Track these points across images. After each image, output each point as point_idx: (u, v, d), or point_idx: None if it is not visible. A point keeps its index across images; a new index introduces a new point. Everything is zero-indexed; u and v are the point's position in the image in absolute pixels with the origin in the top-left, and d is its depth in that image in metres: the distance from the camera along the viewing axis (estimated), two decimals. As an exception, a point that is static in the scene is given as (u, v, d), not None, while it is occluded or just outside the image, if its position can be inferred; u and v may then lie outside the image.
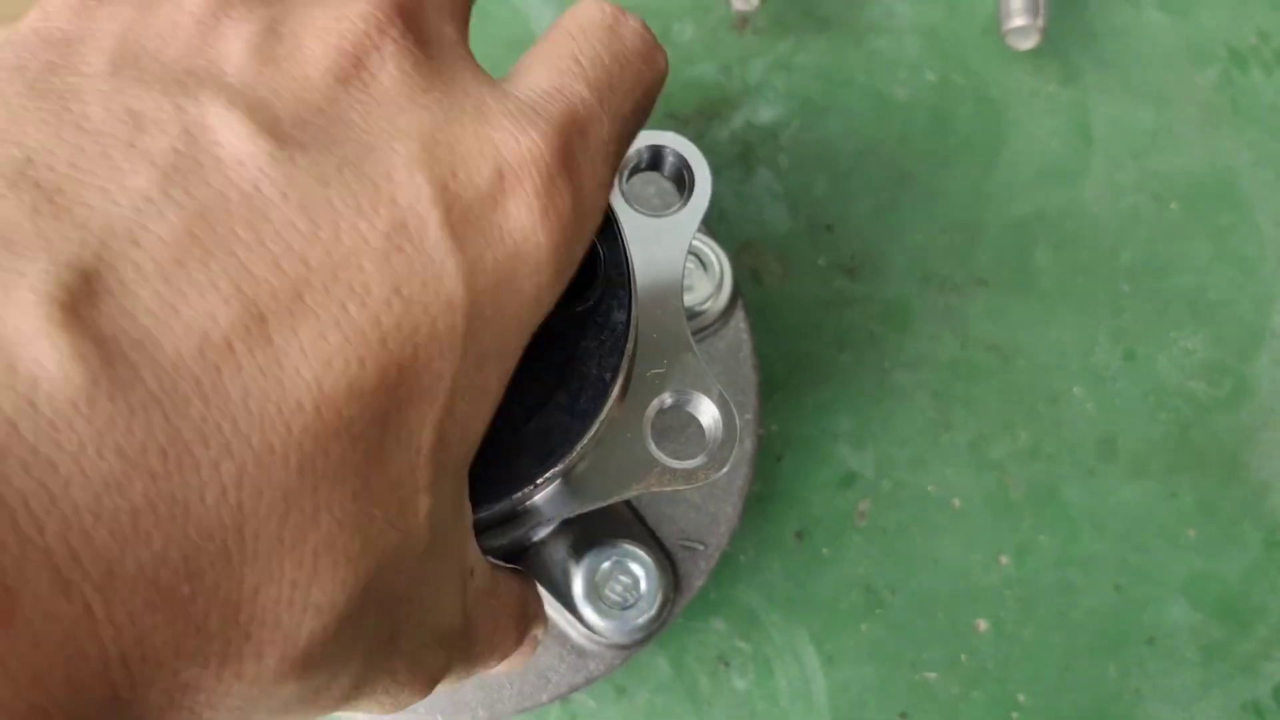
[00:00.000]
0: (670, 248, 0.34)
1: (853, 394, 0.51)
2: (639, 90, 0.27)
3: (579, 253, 0.25)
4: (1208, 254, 0.53)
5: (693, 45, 0.54)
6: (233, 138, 0.21)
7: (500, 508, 0.28)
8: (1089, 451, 0.51)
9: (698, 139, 0.52)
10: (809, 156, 0.53)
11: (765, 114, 0.53)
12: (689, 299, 0.45)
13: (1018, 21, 0.48)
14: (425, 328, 0.21)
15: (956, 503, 0.50)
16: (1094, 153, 0.53)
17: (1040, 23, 0.48)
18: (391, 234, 0.21)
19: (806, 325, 0.51)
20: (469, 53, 0.26)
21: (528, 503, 0.30)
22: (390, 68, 0.23)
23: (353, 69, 0.23)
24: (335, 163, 0.21)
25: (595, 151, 0.25)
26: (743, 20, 0.50)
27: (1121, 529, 0.50)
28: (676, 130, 0.45)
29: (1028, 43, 0.49)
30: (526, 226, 0.23)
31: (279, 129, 0.21)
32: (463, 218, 0.22)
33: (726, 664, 0.48)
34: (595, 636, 0.42)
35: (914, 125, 0.53)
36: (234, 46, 0.22)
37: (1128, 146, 0.53)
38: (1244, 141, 0.54)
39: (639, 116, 0.28)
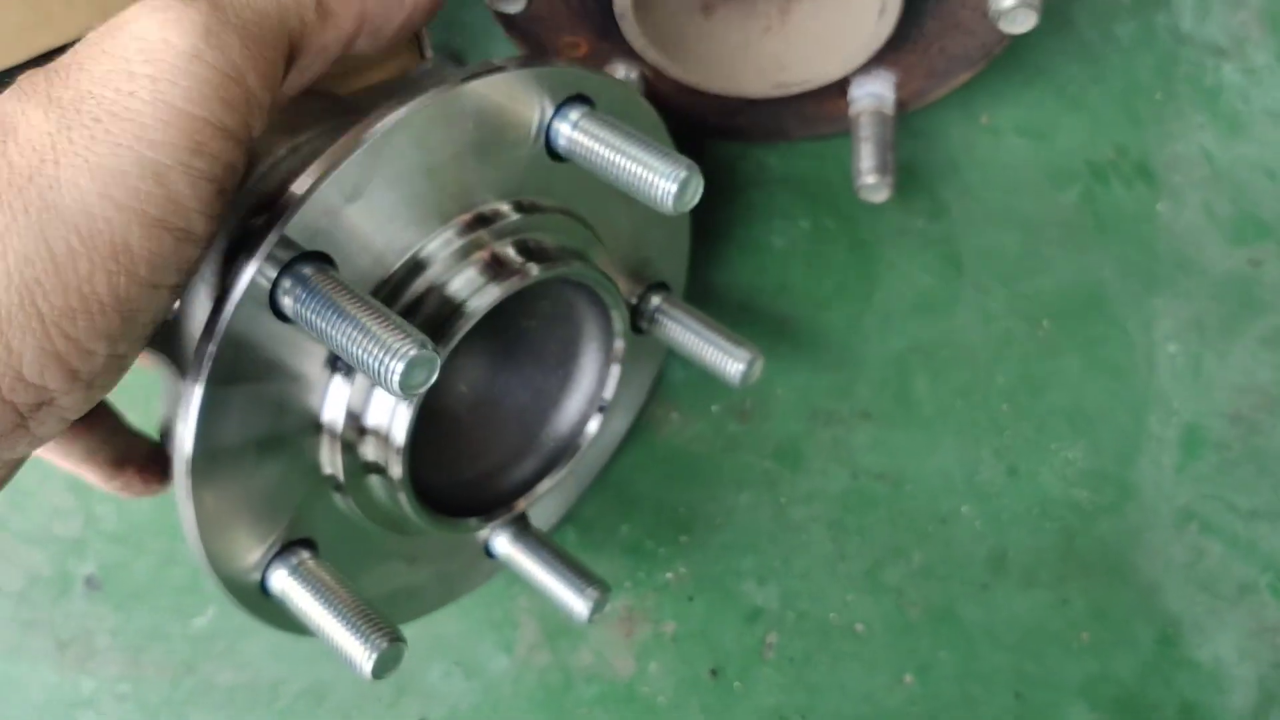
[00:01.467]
0: None
1: (753, 533, 0.55)
2: None
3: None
4: (1081, 367, 0.57)
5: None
6: None
7: None
8: (980, 567, 0.55)
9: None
10: (695, 305, 0.57)
11: (653, 274, 0.58)
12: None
13: (868, 180, 0.53)
14: None
15: (859, 628, 0.54)
16: (964, 282, 0.58)
17: (889, 178, 0.53)
18: None
19: (706, 469, 0.56)
20: None
21: None
22: None
23: None
24: None
25: None
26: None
27: (1017, 639, 0.54)
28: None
29: (880, 197, 0.54)
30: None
31: None
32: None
33: (647, 805, 0.52)
34: None
35: (790, 271, 0.58)
36: None
37: (996, 272, 0.58)
38: (1109, 255, 0.58)
39: None
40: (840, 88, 0.55)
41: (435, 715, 0.53)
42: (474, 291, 0.39)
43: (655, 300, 0.50)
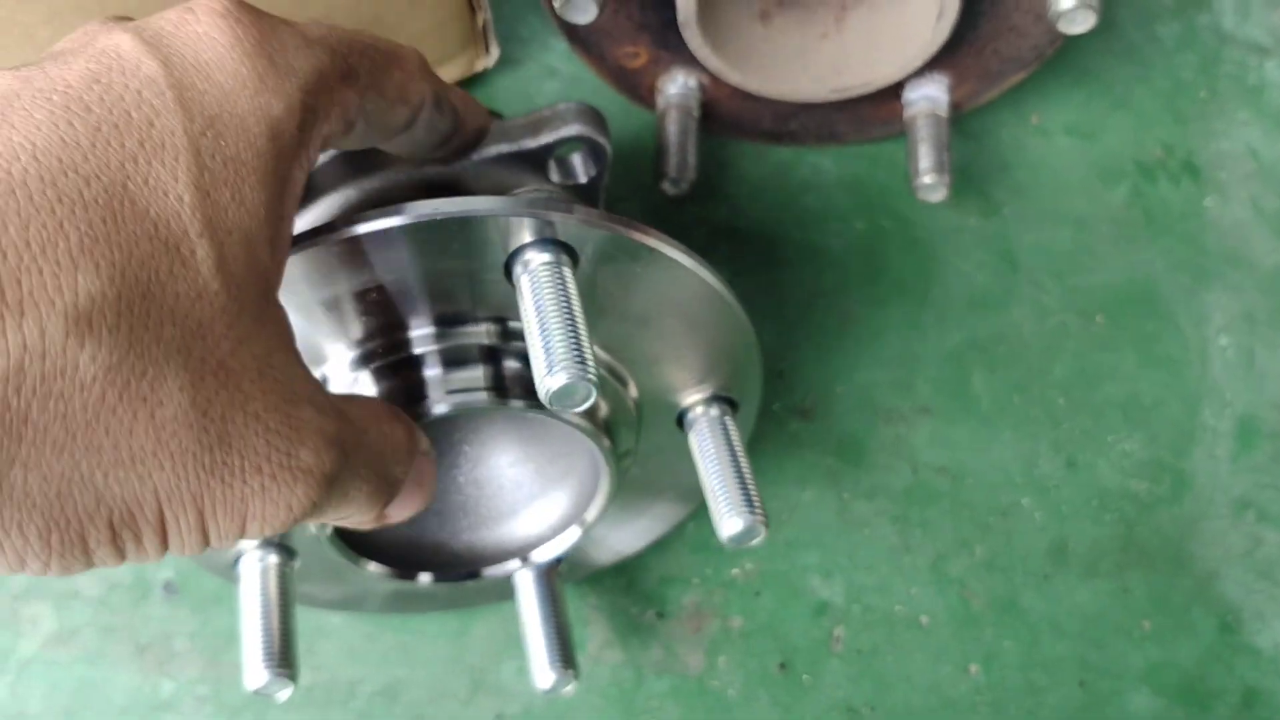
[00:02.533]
0: None
1: (817, 528, 0.57)
2: (379, 41, 0.35)
3: (294, 62, 0.30)
4: (1135, 361, 0.58)
5: (640, 217, 0.61)
6: None
7: None
8: (1042, 559, 0.56)
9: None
10: (756, 310, 0.59)
11: (712, 277, 0.60)
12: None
13: (925, 180, 0.55)
14: (130, 95, 0.27)
15: (924, 620, 0.56)
16: (1019, 278, 0.59)
17: (946, 177, 0.55)
18: (93, 56, 0.27)
19: (769, 467, 0.57)
20: None
21: None
22: None
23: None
24: (52, 56, 0.28)
25: (304, 26, 0.32)
26: (679, 197, 0.57)
27: (1079, 628, 0.55)
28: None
29: (937, 196, 0.55)
30: (212, 31, 0.29)
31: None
32: (155, 36, 0.28)
33: (722, 795, 0.53)
34: None
35: (849, 271, 0.60)
36: None
37: (1050, 268, 0.60)
38: (1159, 250, 0.60)
39: (379, 50, 0.35)
40: (894, 91, 0.57)
41: (510, 712, 0.55)
42: (450, 391, 0.41)
43: (697, 412, 0.47)
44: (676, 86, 0.57)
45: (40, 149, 0.25)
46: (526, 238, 0.37)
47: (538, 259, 0.37)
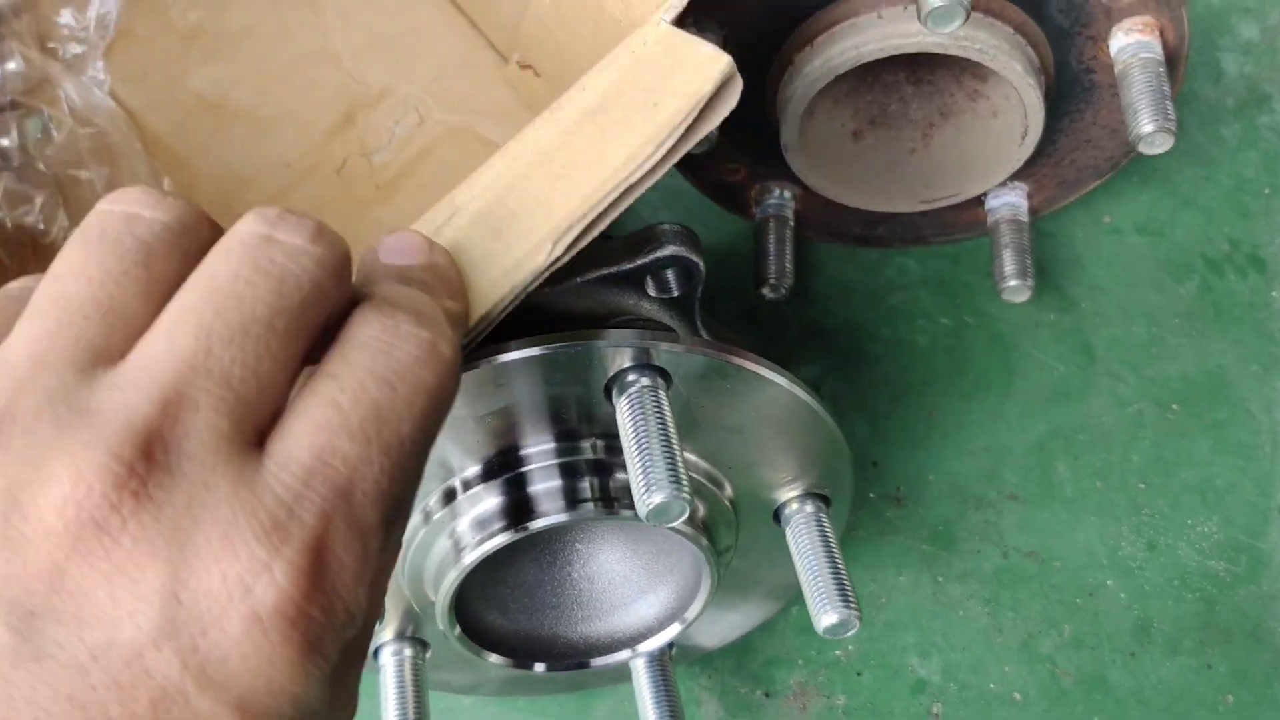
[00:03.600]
0: None
1: (914, 610, 0.61)
2: (419, 401, 0.28)
3: (354, 610, 0.27)
4: (1210, 447, 0.62)
5: (738, 318, 0.66)
6: None
7: None
8: (1127, 636, 0.60)
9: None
10: (849, 404, 0.64)
11: (806, 372, 0.64)
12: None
13: (1011, 283, 0.59)
14: None
15: (1017, 696, 0.59)
16: (1097, 370, 0.64)
17: (1029, 281, 0.59)
18: (156, 706, 0.24)
19: (866, 552, 0.62)
20: (235, 448, 0.26)
21: None
22: (131, 528, 0.25)
23: (81, 535, 0.24)
24: (86, 651, 0.24)
25: (362, 510, 0.27)
26: (776, 299, 0.62)
27: (1165, 703, 0.59)
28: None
29: (1021, 297, 0.60)
30: (284, 656, 0.25)
31: (10, 611, 0.24)
32: (219, 669, 0.25)
33: None
34: None
35: (935, 367, 0.64)
36: None
37: (1126, 360, 0.64)
38: (1229, 341, 0.64)
39: (426, 425, 0.29)
40: (977, 198, 0.62)
41: (630, 787, 0.59)
42: (565, 501, 0.45)
43: (792, 509, 0.50)
44: (773, 198, 0.62)
45: None
46: (625, 363, 0.43)
47: (635, 383, 0.42)
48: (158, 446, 0.25)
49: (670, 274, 0.53)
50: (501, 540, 0.45)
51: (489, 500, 0.46)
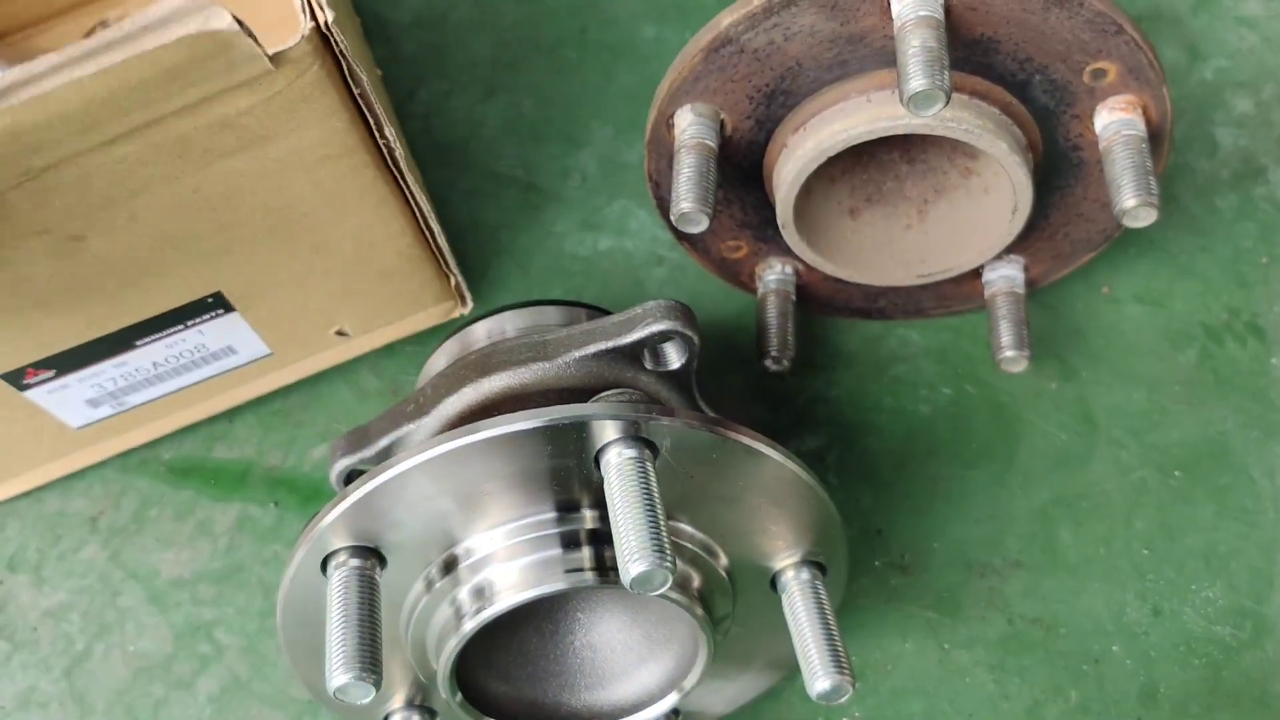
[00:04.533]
0: None
1: (920, 677, 0.62)
2: None
3: None
4: (1213, 512, 0.63)
5: (743, 390, 0.68)
6: None
7: None
8: (1134, 703, 0.61)
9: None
10: (853, 473, 0.65)
11: (811, 442, 0.66)
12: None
13: (1007, 354, 0.61)
14: None
15: (1024, 763, 0.60)
16: (1098, 437, 0.65)
17: (1026, 351, 0.61)
18: None
19: (871, 620, 0.63)
20: None
21: None
22: None
23: None
24: None
25: None
26: (779, 371, 0.63)
27: (1173, 770, 0.59)
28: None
29: (1019, 368, 0.61)
30: None
31: None
32: None
33: None
34: None
35: (938, 436, 0.65)
36: None
37: (1128, 427, 0.65)
38: (1229, 408, 0.65)
39: None
40: (975, 271, 0.63)
41: None
42: (541, 575, 0.47)
43: (788, 576, 0.51)
44: (774, 274, 0.64)
45: None
46: (612, 435, 0.44)
47: (622, 454, 0.44)
48: None
49: (667, 347, 0.55)
50: (501, 607, 0.47)
51: (488, 569, 0.48)
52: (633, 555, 0.41)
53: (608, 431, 0.45)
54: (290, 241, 0.54)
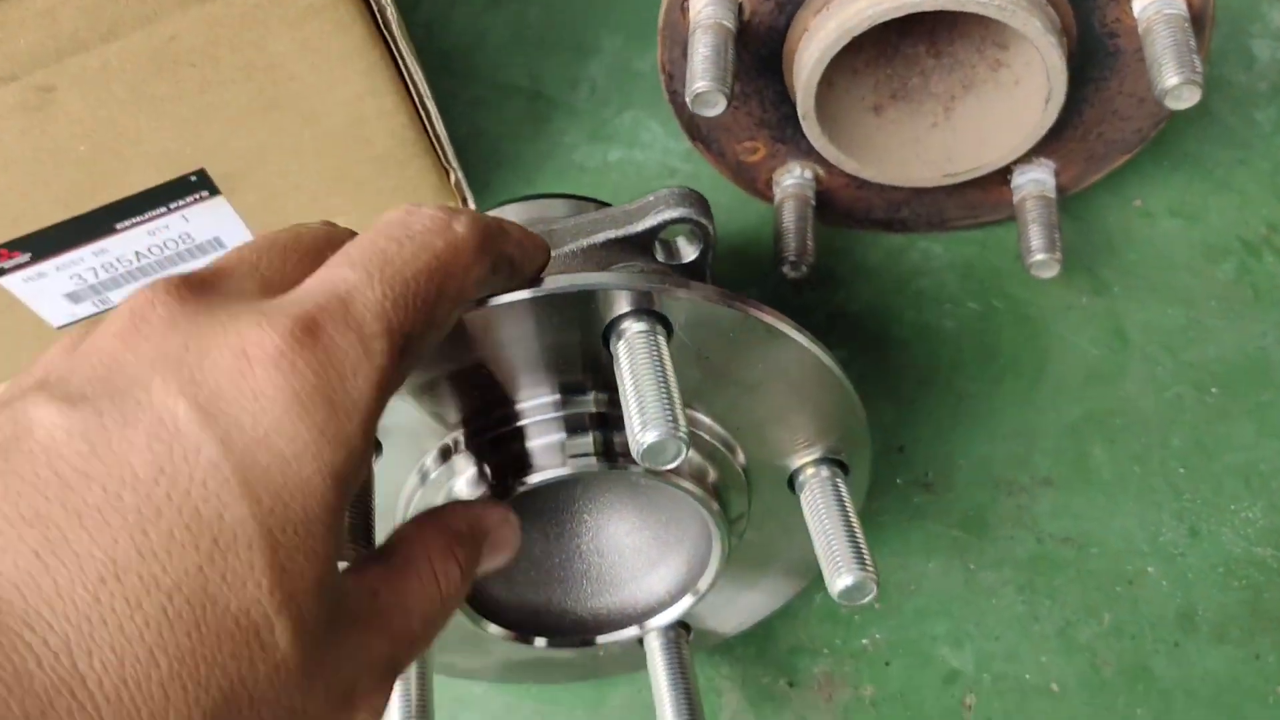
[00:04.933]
0: None
1: (945, 598, 0.58)
2: (425, 255, 0.32)
3: (353, 392, 0.29)
4: (1252, 431, 0.60)
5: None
6: (38, 411, 0.27)
7: None
8: (1170, 626, 0.57)
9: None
10: (874, 389, 0.62)
11: (831, 358, 0.63)
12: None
13: (1038, 257, 0.58)
14: (196, 489, 0.26)
15: (1054, 687, 0.57)
16: (1131, 353, 0.62)
17: (1058, 254, 0.58)
18: (151, 431, 0.27)
19: (893, 539, 0.60)
20: (264, 291, 0.31)
21: None
22: (159, 311, 0.29)
23: (131, 325, 0.29)
24: (108, 397, 0.27)
25: (361, 315, 0.30)
26: (798, 281, 0.61)
27: (1212, 694, 0.56)
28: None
29: (1050, 273, 0.58)
30: (269, 389, 0.28)
31: (69, 392, 0.28)
32: (211, 399, 0.27)
33: None
34: None
35: (963, 351, 0.62)
36: (53, 353, 0.30)
37: (1162, 343, 0.62)
38: (1269, 323, 0.62)
39: (432, 276, 0.32)
40: (1002, 176, 0.60)
41: (648, 780, 0.56)
42: (544, 461, 0.44)
43: (807, 474, 0.49)
44: (793, 178, 0.61)
45: (121, 565, 0.25)
46: (623, 308, 0.41)
47: (632, 328, 0.40)
48: (200, 280, 0.31)
49: (680, 241, 0.52)
50: (500, 498, 0.44)
51: (487, 456, 0.45)
52: (645, 425, 0.38)
53: (619, 304, 0.41)
54: (276, 111, 0.51)
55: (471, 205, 0.65)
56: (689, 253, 0.52)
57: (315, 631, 0.28)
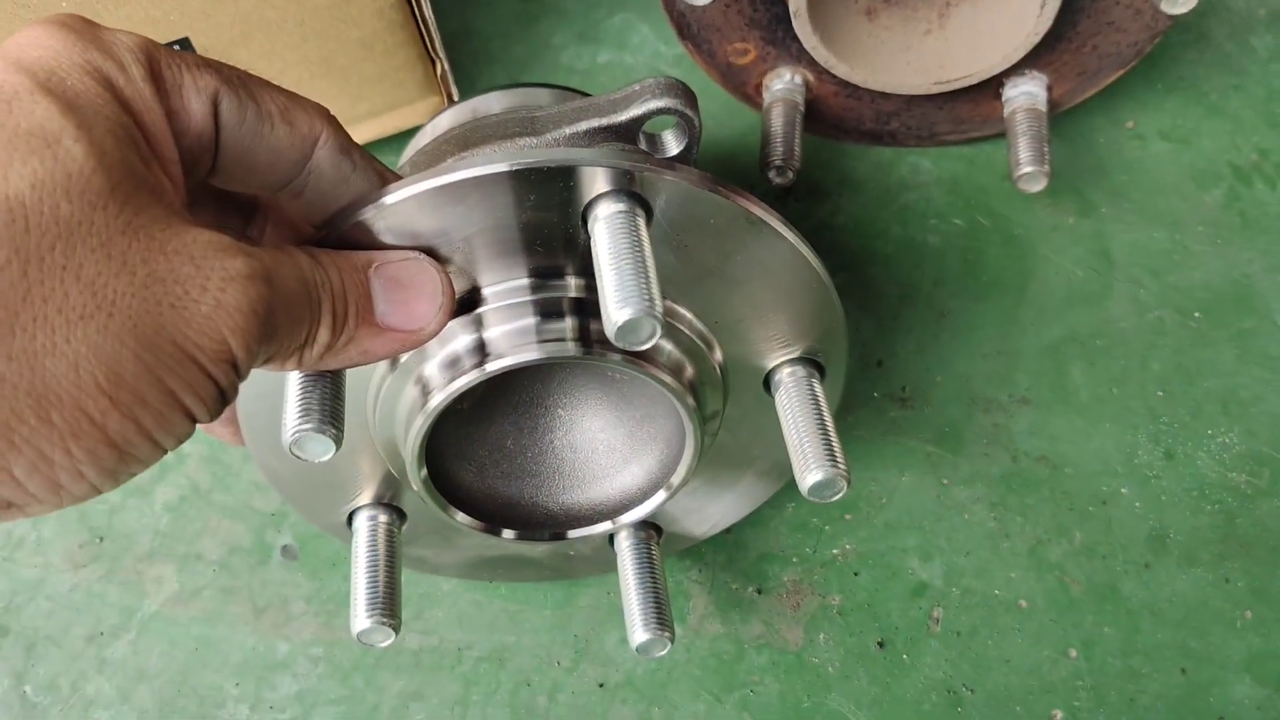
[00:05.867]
0: None
1: (916, 512, 0.58)
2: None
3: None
4: (1233, 357, 0.60)
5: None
6: None
7: None
8: (1141, 547, 0.57)
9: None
10: (855, 303, 0.61)
11: (813, 269, 0.62)
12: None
13: (1026, 169, 0.57)
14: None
15: (1022, 604, 0.57)
16: (1116, 275, 0.61)
17: (1046, 168, 0.57)
18: None
19: (868, 452, 0.59)
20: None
21: None
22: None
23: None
24: None
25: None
26: (782, 191, 0.60)
27: (1180, 616, 0.56)
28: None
29: (1037, 186, 0.58)
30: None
31: None
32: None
33: (822, 766, 0.54)
34: None
35: (947, 267, 0.62)
36: None
37: (1147, 266, 0.61)
38: (1256, 250, 0.61)
39: None
40: (994, 90, 0.59)
41: (612, 680, 0.56)
42: (516, 344, 0.43)
43: (783, 374, 0.48)
44: (783, 82, 0.60)
45: None
46: (602, 188, 0.40)
47: (611, 208, 0.39)
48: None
49: (666, 134, 0.51)
50: (470, 380, 0.42)
51: (457, 340, 0.44)
52: (620, 303, 0.37)
53: (598, 183, 0.40)
54: (260, -23, 0.50)
55: (456, 98, 0.63)
56: (674, 146, 0.51)
57: (112, 163, 0.30)
